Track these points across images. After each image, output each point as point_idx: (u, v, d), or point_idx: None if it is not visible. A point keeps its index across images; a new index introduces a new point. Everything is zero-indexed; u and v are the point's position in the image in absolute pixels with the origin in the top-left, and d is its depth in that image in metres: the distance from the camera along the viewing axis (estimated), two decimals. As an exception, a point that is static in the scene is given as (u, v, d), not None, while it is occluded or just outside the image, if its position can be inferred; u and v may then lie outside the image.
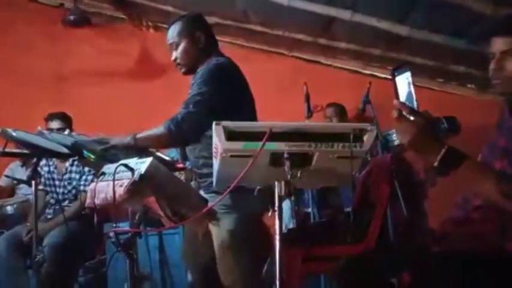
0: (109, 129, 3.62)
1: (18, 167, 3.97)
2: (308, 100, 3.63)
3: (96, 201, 1.63)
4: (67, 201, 3.26)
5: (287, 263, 1.94)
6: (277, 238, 1.44)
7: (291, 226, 3.10)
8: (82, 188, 3.22)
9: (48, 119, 3.42)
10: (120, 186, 1.52)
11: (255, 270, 2.05)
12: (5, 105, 4.28)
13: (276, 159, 1.40)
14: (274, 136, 1.37)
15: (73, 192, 3.27)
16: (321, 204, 3.32)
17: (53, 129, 3.25)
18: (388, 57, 4.01)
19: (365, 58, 4.23)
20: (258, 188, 1.55)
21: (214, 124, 1.38)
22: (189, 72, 2.18)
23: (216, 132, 1.37)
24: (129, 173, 1.54)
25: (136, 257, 1.84)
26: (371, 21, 3.43)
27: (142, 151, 1.98)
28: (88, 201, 1.68)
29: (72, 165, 3.28)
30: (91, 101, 4.43)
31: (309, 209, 3.26)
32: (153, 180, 1.55)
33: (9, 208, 3.63)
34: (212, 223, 1.94)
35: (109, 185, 1.55)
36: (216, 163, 1.46)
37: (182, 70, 2.19)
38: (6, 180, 3.97)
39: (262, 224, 2.21)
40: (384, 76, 4.31)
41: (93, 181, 1.73)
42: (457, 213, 1.51)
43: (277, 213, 1.44)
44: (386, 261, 1.56)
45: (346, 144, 1.38)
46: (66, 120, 3.43)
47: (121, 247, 1.62)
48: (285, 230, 2.65)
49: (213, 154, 1.47)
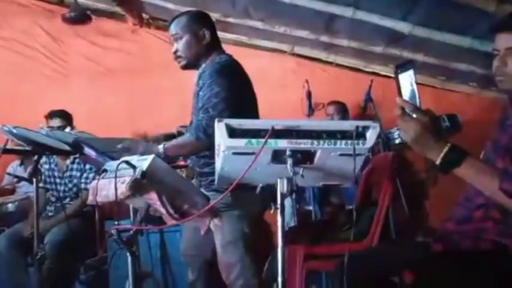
0: (108, 126, 3.65)
1: (17, 167, 3.97)
2: (309, 98, 3.64)
3: (98, 199, 1.62)
4: (68, 199, 3.26)
5: (289, 261, 1.94)
6: (279, 235, 1.43)
7: (292, 224, 3.09)
8: (83, 186, 3.22)
9: (48, 117, 3.41)
10: (122, 183, 1.51)
11: (256, 267, 2.06)
12: (5, 103, 4.28)
13: (278, 156, 1.40)
14: (277, 133, 1.37)
15: (74, 190, 3.27)
16: (322, 202, 3.32)
17: (54, 127, 3.25)
18: (390, 55, 4.00)
19: (367, 56, 4.22)
20: (260, 185, 1.55)
21: (216, 121, 1.38)
22: (188, 66, 2.17)
23: (219, 129, 1.37)
24: (131, 170, 1.53)
25: (138, 254, 1.84)
26: (373, 19, 3.42)
27: (171, 161, 2.00)
28: (90, 198, 1.68)
29: (73, 163, 3.28)
30: (90, 97, 4.43)
31: (310, 207, 3.26)
32: (155, 177, 1.55)
33: (10, 206, 3.63)
34: (214, 221, 1.94)
35: (111, 182, 1.55)
36: (218, 160, 1.45)
37: (181, 63, 2.17)
38: (8, 178, 3.97)
39: (262, 221, 2.21)
40: (386, 74, 4.31)
41: (94, 179, 1.73)
42: (459, 211, 1.51)
43: (279, 211, 1.43)
44: (388, 259, 1.55)
45: (349, 141, 1.37)
46: (66, 118, 3.43)
47: (123, 244, 1.62)
48: (286, 228, 2.65)
49: (215, 152, 1.47)
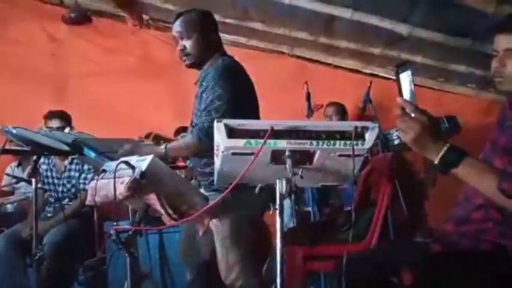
0: (109, 127, 3.65)
1: (15, 168, 3.97)
2: (309, 99, 3.64)
3: (97, 199, 1.62)
4: (67, 200, 3.26)
5: (288, 262, 1.94)
6: (278, 236, 1.43)
7: (291, 225, 3.09)
8: (82, 186, 3.21)
9: (47, 117, 3.41)
10: (121, 183, 1.51)
11: (255, 268, 2.06)
12: (5, 103, 4.28)
13: (277, 157, 1.40)
14: (276, 134, 1.37)
15: (72, 190, 3.27)
16: (321, 203, 3.32)
17: (53, 128, 3.25)
18: (388, 56, 4.01)
19: (366, 57, 4.22)
20: (259, 186, 1.55)
21: (215, 122, 1.38)
22: (194, 65, 2.16)
23: (218, 129, 1.37)
24: (130, 171, 1.53)
25: (137, 255, 1.84)
26: (372, 20, 3.42)
27: (171, 162, 2.00)
28: (89, 198, 1.68)
29: (71, 163, 3.27)
30: (91, 99, 4.43)
31: (309, 208, 3.26)
32: (154, 177, 1.55)
33: (9, 206, 3.63)
34: (213, 221, 1.94)
35: (110, 183, 1.55)
36: (217, 161, 1.46)
37: (187, 62, 2.15)
38: (7, 179, 3.97)
39: (262, 222, 2.21)
40: (385, 75, 4.31)
41: (93, 179, 1.73)
42: (458, 212, 1.51)
43: (278, 211, 1.43)
44: (387, 259, 1.55)
45: (348, 142, 1.37)
46: (65, 119, 3.42)
47: (121, 245, 1.62)
48: (284, 229, 2.65)
49: (215, 152, 1.47)
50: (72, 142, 2.02)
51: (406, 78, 1.35)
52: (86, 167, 3.21)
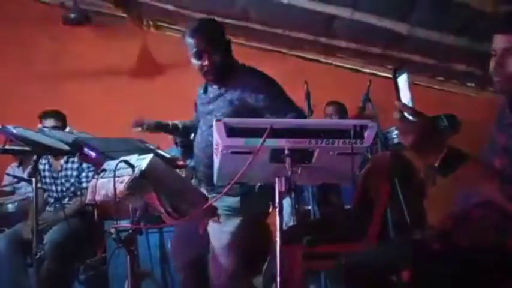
0: (108, 128, 3.65)
1: (15, 168, 3.97)
2: (308, 98, 3.63)
3: (97, 198, 1.63)
4: (67, 199, 3.25)
5: (288, 260, 1.95)
6: (277, 235, 1.44)
7: (291, 224, 3.09)
8: (84, 184, 3.20)
9: (42, 117, 3.41)
10: (121, 182, 1.52)
11: (247, 273, 2.07)
12: (5, 103, 4.29)
13: (276, 155, 1.40)
14: (275, 132, 1.38)
15: (72, 189, 3.25)
16: (321, 202, 3.32)
17: (48, 127, 3.24)
18: (388, 56, 4.01)
19: (365, 57, 4.23)
20: (258, 184, 1.56)
21: (215, 121, 1.38)
22: (216, 80, 2.14)
23: (217, 128, 1.37)
24: (130, 170, 1.54)
25: (137, 254, 1.84)
26: (371, 20, 3.43)
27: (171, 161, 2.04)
28: (89, 197, 1.68)
29: (67, 162, 3.26)
30: (91, 99, 4.43)
31: (309, 207, 3.26)
32: (154, 176, 1.55)
33: (10, 206, 3.63)
34: (213, 220, 1.94)
35: (110, 182, 1.55)
36: (216, 160, 1.46)
37: (211, 78, 2.13)
38: (8, 179, 3.98)
39: (264, 226, 2.21)
40: (384, 75, 4.31)
41: (93, 178, 1.73)
42: (457, 210, 1.51)
43: (277, 210, 1.44)
44: (386, 258, 1.56)
45: (347, 140, 1.38)
46: (60, 118, 3.42)
47: (121, 243, 1.62)
48: (285, 227, 2.65)
49: (214, 151, 1.47)
50: (73, 142, 2.02)
51: (403, 81, 1.35)
52: (85, 165, 3.21)
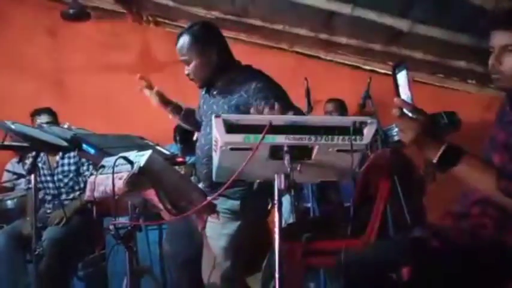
0: (109, 124, 3.65)
1: (15, 164, 3.97)
2: (308, 95, 3.63)
3: (96, 194, 1.62)
4: (64, 195, 3.24)
5: (287, 258, 1.95)
6: (276, 232, 1.43)
7: (290, 221, 3.09)
8: (88, 178, 3.19)
9: (35, 114, 3.42)
10: (120, 179, 1.51)
11: (241, 276, 2.07)
12: (5, 100, 4.28)
13: (275, 152, 1.39)
14: (274, 129, 1.37)
15: (70, 184, 3.25)
16: (321, 200, 3.31)
17: (43, 123, 3.23)
18: (388, 53, 4.00)
19: (365, 53, 4.22)
20: (257, 181, 1.55)
21: (214, 117, 1.38)
22: (204, 86, 2.19)
23: (216, 125, 1.36)
24: (129, 166, 1.53)
25: (136, 250, 1.84)
26: (372, 16, 3.42)
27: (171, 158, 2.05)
28: (87, 194, 1.68)
29: (63, 158, 3.26)
30: (91, 95, 4.43)
31: (309, 204, 3.26)
32: (153, 173, 1.55)
33: (9, 202, 3.62)
34: (212, 217, 1.94)
35: (108, 178, 1.55)
36: (215, 156, 1.45)
37: (197, 85, 2.19)
38: (7, 176, 3.97)
39: (264, 226, 2.20)
40: (384, 71, 4.30)
41: (92, 174, 1.73)
42: (457, 207, 1.51)
43: (276, 207, 1.43)
44: (386, 255, 1.55)
45: (346, 137, 1.37)
46: (52, 114, 3.44)
47: (120, 240, 1.62)
48: (284, 225, 2.65)
49: (213, 147, 1.47)
50: (71, 138, 2.01)
51: (403, 78, 1.34)
52: (84, 159, 3.20)
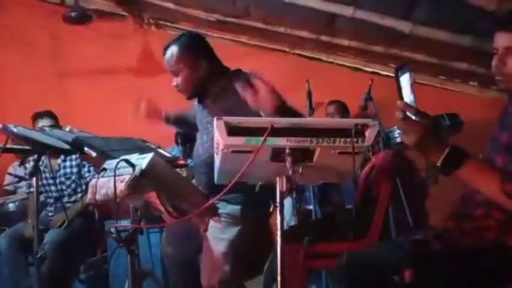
0: (110, 126, 3.64)
1: (17, 167, 3.97)
2: (310, 97, 3.63)
3: (98, 197, 1.62)
4: (66, 198, 3.25)
5: (289, 260, 1.94)
6: (278, 234, 1.43)
7: (292, 223, 3.09)
8: (88, 179, 3.19)
9: (37, 117, 3.41)
10: (121, 181, 1.51)
11: (240, 280, 2.06)
12: (7, 102, 4.29)
13: (277, 154, 1.39)
14: (276, 131, 1.37)
15: (72, 186, 3.25)
16: (323, 202, 3.31)
17: (45, 127, 3.24)
18: (390, 54, 4.00)
19: (367, 55, 4.21)
20: (259, 184, 1.55)
21: (215, 119, 1.38)
22: (192, 97, 2.18)
23: (218, 127, 1.36)
24: (130, 169, 1.53)
25: (138, 253, 1.84)
26: (373, 18, 3.42)
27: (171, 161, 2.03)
28: (89, 197, 1.68)
29: (64, 160, 3.26)
30: (92, 98, 4.43)
31: (311, 206, 3.25)
32: (154, 175, 1.54)
33: (11, 205, 3.63)
34: (214, 220, 1.94)
35: (110, 181, 1.55)
36: (217, 159, 1.45)
37: (185, 96, 2.18)
38: (9, 178, 3.98)
39: (265, 229, 2.20)
40: (386, 73, 4.30)
41: (94, 177, 1.73)
42: (460, 209, 1.51)
43: (278, 209, 1.43)
44: (388, 258, 1.55)
45: (348, 139, 1.37)
46: (54, 117, 3.44)
47: (122, 242, 1.62)
48: (286, 227, 2.65)
49: (215, 150, 1.46)
50: (73, 141, 2.02)
51: (406, 80, 1.34)
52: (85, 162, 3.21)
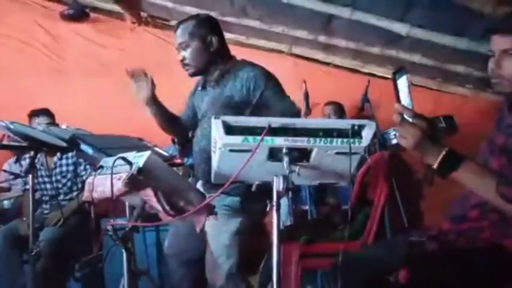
0: (105, 124, 3.64)
1: (12, 164, 3.96)
2: (307, 98, 3.64)
3: (94, 195, 1.62)
4: (62, 196, 3.24)
5: (284, 260, 1.95)
6: (274, 233, 1.44)
7: (288, 223, 3.10)
8: (84, 178, 3.18)
9: (33, 115, 3.39)
10: (118, 179, 1.51)
11: (244, 273, 2.06)
12: (3, 100, 4.27)
13: (274, 154, 1.40)
14: (273, 131, 1.37)
15: (68, 184, 3.24)
16: (318, 202, 3.33)
17: (41, 124, 3.22)
18: (387, 56, 4.01)
19: (364, 56, 4.23)
20: (255, 183, 1.55)
21: (213, 118, 1.38)
22: (196, 74, 2.18)
23: (216, 126, 1.37)
24: (127, 167, 1.53)
25: (134, 252, 1.84)
26: (370, 20, 3.43)
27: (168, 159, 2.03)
28: (86, 195, 1.68)
29: (60, 159, 3.25)
30: (89, 95, 4.42)
31: (306, 207, 3.27)
32: (151, 173, 1.54)
33: (6, 203, 3.62)
34: (213, 217, 1.94)
35: (107, 179, 1.55)
36: (214, 157, 1.46)
37: (189, 71, 2.17)
38: (4, 176, 3.96)
39: (261, 226, 2.21)
40: (383, 75, 4.32)
41: (91, 175, 1.73)
42: (455, 210, 1.51)
43: (275, 208, 1.43)
44: (383, 258, 1.56)
45: (345, 140, 1.38)
46: (51, 116, 3.42)
47: (118, 240, 1.61)
48: (282, 227, 2.65)
49: (212, 149, 1.47)
50: (70, 138, 2.01)
51: (403, 84, 1.35)
52: (81, 160, 3.20)
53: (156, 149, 2.11)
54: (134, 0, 4.39)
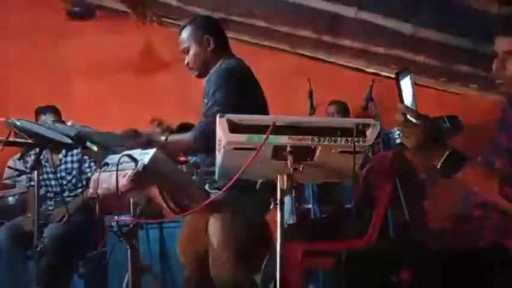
0: (110, 122, 3.65)
1: (16, 161, 3.97)
2: (311, 97, 3.64)
3: (99, 192, 1.63)
4: (67, 192, 3.25)
5: (287, 258, 1.95)
6: (278, 232, 1.44)
7: (291, 222, 3.10)
8: (89, 175, 3.19)
9: (39, 112, 3.41)
10: (124, 176, 1.52)
11: (247, 268, 2.06)
12: (9, 97, 4.29)
13: (278, 152, 1.40)
14: (278, 129, 1.38)
15: (73, 181, 3.25)
16: (322, 201, 3.33)
17: (47, 121, 3.24)
18: (391, 56, 4.01)
19: (369, 56, 4.23)
20: (259, 181, 1.55)
21: (218, 117, 1.39)
22: (202, 75, 2.20)
23: (220, 124, 1.37)
24: (133, 164, 1.54)
25: (137, 248, 1.85)
26: (376, 19, 3.43)
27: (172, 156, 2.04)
28: (91, 191, 1.69)
29: (66, 156, 3.26)
30: (94, 94, 4.44)
31: (310, 205, 3.27)
32: (156, 171, 1.55)
33: (10, 199, 3.64)
34: (213, 216, 1.95)
35: (112, 176, 1.56)
36: (219, 156, 1.46)
37: (194, 74, 2.21)
38: (9, 172, 3.98)
39: (264, 224, 2.21)
40: (387, 74, 4.31)
41: (96, 171, 1.74)
42: (458, 210, 1.52)
43: (278, 207, 1.44)
44: (386, 258, 1.56)
45: (349, 138, 1.38)
46: (57, 112, 3.44)
47: (123, 237, 1.63)
48: (285, 226, 2.66)
49: (216, 147, 1.47)
50: (75, 135, 2.02)
51: (406, 84, 1.35)
52: (86, 156, 3.21)
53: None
54: (140, -1, 4.40)
